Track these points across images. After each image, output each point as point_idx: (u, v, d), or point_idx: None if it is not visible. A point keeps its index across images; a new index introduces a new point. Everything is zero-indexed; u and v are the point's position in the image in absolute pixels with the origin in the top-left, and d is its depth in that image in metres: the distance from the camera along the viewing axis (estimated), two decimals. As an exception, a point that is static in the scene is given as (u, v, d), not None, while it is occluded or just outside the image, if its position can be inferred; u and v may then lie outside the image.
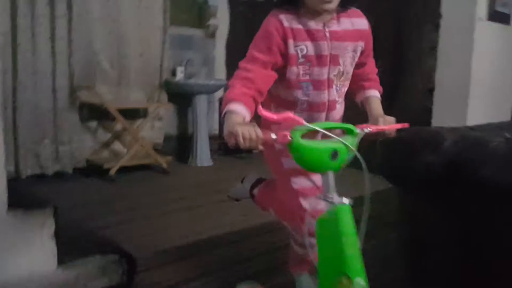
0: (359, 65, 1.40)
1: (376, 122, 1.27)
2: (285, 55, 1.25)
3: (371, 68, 1.46)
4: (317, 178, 1.28)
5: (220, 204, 2.97)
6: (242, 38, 5.11)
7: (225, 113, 1.15)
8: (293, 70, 1.26)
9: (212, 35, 4.67)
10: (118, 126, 3.85)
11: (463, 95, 3.20)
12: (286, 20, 1.23)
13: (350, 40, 1.29)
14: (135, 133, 3.75)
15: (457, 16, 3.23)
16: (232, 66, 4.94)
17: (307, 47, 1.24)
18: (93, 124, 3.84)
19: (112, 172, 3.46)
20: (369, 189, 1.08)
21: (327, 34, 1.25)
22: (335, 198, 1.10)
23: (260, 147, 1.05)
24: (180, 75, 4.25)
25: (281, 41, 1.23)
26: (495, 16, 3.34)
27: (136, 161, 3.71)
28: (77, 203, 2.98)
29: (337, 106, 1.38)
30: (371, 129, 1.18)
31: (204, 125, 4.24)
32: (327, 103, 1.34)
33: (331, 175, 1.12)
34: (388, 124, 1.25)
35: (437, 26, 3.38)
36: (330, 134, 1.08)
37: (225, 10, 4.81)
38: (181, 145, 4.44)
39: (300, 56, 1.25)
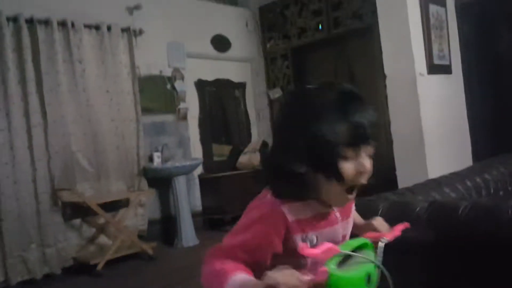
0: None
1: (374, 230, 1.09)
2: (284, 250, 0.98)
3: None
4: None
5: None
6: (213, 115, 5.40)
7: None
8: (299, 262, 0.98)
9: (184, 118, 4.92)
10: (101, 220, 3.97)
11: (419, 144, 3.40)
12: (292, 212, 0.97)
13: (351, 211, 1.11)
14: (118, 224, 3.88)
15: (400, 74, 3.51)
16: (206, 142, 5.18)
17: (320, 236, 1.01)
18: (77, 221, 3.97)
19: (99, 267, 3.54)
20: None
21: (338, 215, 1.04)
22: None
23: None
24: (157, 160, 4.44)
25: (280, 239, 0.97)
26: (435, 69, 3.63)
27: (122, 252, 3.80)
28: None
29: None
30: (388, 239, 1.01)
31: (185, 205, 4.37)
32: None
33: None
34: (384, 227, 1.09)
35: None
36: (364, 256, 0.95)
37: (194, 93, 5.11)
38: (165, 227, 4.54)
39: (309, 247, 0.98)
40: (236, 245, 0.95)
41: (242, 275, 0.89)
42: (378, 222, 1.10)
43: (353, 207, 1.13)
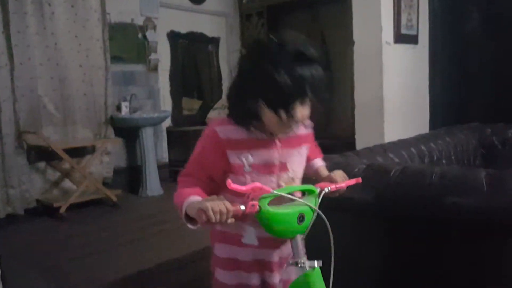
0: None
1: (330, 180, 1.23)
2: (226, 166, 1.16)
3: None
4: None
5: (167, 233, 3.23)
6: (184, 68, 5.39)
7: (185, 213, 1.08)
8: (239, 179, 1.15)
9: (154, 69, 4.91)
10: (66, 165, 4.02)
11: (378, 112, 3.54)
12: (224, 132, 1.15)
13: (297, 145, 1.24)
14: (83, 170, 3.94)
15: (367, 41, 3.59)
16: (176, 96, 5.20)
17: (253, 156, 1.15)
18: (42, 164, 4.00)
19: (62, 210, 3.63)
20: (332, 246, 1.10)
21: (278, 143, 1.18)
22: (306, 262, 1.09)
23: (231, 220, 1.00)
24: (125, 110, 4.46)
25: (214, 154, 1.15)
26: (401, 38, 3.72)
27: (86, 197, 3.89)
28: (29, 244, 3.15)
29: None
30: (330, 188, 1.16)
31: (152, 156, 4.45)
32: None
33: (299, 239, 1.11)
34: (341, 179, 1.23)
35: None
36: (296, 198, 1.10)
37: (166, 44, 5.08)
38: (131, 177, 4.63)
39: (246, 165, 1.16)
40: (190, 162, 1.19)
41: (193, 197, 1.09)
42: (337, 173, 1.25)
43: (306, 148, 1.27)
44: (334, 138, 4.30)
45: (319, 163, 1.40)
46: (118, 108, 4.49)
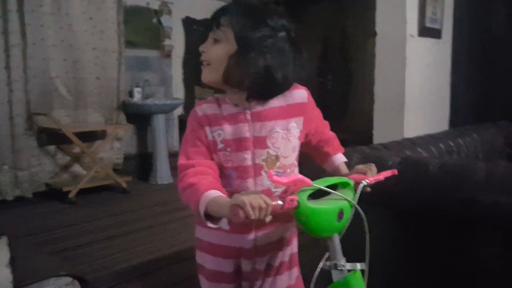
0: (311, 139, 1.26)
1: (358, 172, 1.14)
2: (208, 144, 1.14)
3: (328, 135, 1.30)
4: None
5: (177, 222, 3.15)
6: (198, 55, 5.29)
7: (205, 213, 0.98)
8: (215, 158, 1.13)
9: (167, 55, 4.82)
10: (77, 149, 3.95)
11: (399, 107, 3.44)
12: (201, 109, 1.15)
13: (278, 118, 1.14)
14: (93, 155, 3.87)
15: (390, 33, 3.48)
16: (189, 83, 5.11)
17: (224, 131, 1.12)
18: (52, 148, 3.94)
19: (71, 195, 3.56)
20: (368, 243, 1.04)
21: (248, 116, 1.12)
22: (346, 264, 1.02)
23: (269, 217, 0.92)
24: (137, 96, 4.38)
25: (201, 131, 1.13)
26: (425, 32, 3.60)
27: (96, 183, 3.82)
28: (37, 228, 3.08)
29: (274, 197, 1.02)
30: (369, 181, 1.08)
31: (163, 143, 4.37)
32: None
33: (337, 238, 1.02)
34: (375, 172, 1.14)
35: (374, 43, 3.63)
36: (336, 192, 1.01)
37: (180, 30, 4.98)
38: (141, 164, 4.56)
39: (218, 141, 1.12)
40: (184, 143, 1.15)
41: (214, 192, 0.99)
42: (371, 168, 1.15)
43: (298, 123, 1.16)
44: (350, 133, 4.21)
45: (341, 158, 1.27)
46: (131, 94, 4.41)
